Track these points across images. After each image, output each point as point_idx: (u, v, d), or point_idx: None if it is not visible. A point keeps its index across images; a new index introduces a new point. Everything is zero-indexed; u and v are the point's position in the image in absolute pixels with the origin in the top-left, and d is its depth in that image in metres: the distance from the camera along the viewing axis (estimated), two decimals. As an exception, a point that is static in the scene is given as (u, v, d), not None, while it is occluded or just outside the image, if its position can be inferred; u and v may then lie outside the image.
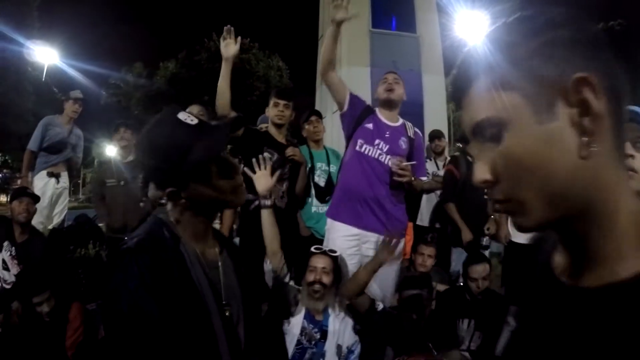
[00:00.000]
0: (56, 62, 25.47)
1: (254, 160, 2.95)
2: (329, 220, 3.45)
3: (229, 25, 3.31)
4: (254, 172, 2.85)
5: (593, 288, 0.62)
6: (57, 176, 5.39)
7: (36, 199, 4.15)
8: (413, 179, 3.26)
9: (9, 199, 4.29)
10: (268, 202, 2.81)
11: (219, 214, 3.97)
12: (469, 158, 4.54)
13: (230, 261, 1.49)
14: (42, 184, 5.24)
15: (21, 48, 21.68)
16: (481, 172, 0.67)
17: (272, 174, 2.81)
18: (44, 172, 5.33)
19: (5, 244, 3.92)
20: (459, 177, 4.62)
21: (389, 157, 3.30)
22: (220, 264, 1.43)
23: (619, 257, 0.61)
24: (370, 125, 3.37)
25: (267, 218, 2.82)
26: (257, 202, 3.07)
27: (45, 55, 24.36)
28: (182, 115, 1.33)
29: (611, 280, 0.60)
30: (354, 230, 3.28)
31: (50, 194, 5.31)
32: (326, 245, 3.27)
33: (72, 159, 5.62)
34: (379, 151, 3.32)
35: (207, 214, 1.42)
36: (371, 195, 3.30)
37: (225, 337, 1.31)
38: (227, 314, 1.35)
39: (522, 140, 0.63)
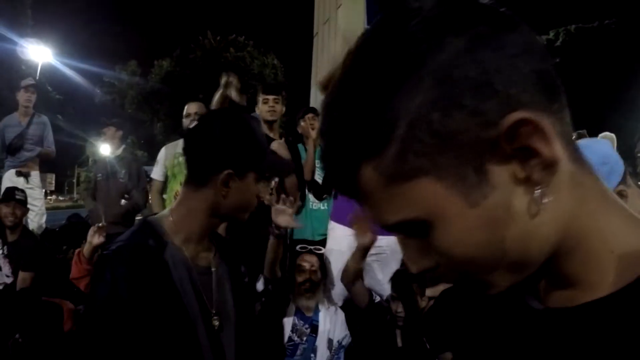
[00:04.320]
0: (50, 60, 25.42)
1: (277, 192, 2.93)
2: (332, 222, 3.46)
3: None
4: (270, 199, 2.76)
5: (569, 307, 0.52)
6: (26, 175, 5.22)
7: (24, 202, 4.08)
8: None
9: None
10: (282, 232, 2.67)
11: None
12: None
13: (225, 265, 1.41)
14: (10, 184, 5.03)
15: (14, 46, 21.61)
16: (417, 264, 0.53)
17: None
18: (12, 171, 5.21)
19: None
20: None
21: None
22: (213, 269, 1.36)
23: (595, 281, 0.50)
24: None
25: (275, 245, 2.70)
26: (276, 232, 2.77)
27: (39, 53, 24.29)
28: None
29: (586, 299, 0.51)
30: None
31: None
32: (329, 244, 3.34)
33: (42, 153, 5.42)
34: None
35: (222, 217, 1.36)
36: None
37: (210, 348, 1.26)
38: (215, 323, 1.29)
39: (458, 236, 0.48)
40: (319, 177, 4.19)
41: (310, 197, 4.16)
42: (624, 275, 0.48)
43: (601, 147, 1.54)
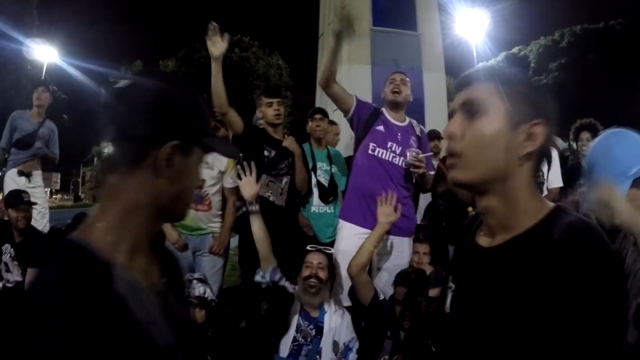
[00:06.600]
0: (56, 60, 25.54)
1: (238, 167, 3.11)
2: (341, 221, 3.47)
3: (213, 23, 3.21)
4: (240, 179, 3.05)
5: (500, 244, 1.01)
6: (28, 175, 5.20)
7: (30, 202, 4.09)
8: (426, 171, 3.34)
9: (4, 205, 4.24)
10: (255, 208, 2.98)
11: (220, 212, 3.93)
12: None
13: (172, 277, 1.08)
14: (12, 183, 5.04)
15: (20, 46, 21.71)
16: (454, 126, 1.03)
17: (258, 178, 2.96)
18: (14, 170, 5.17)
19: (4, 247, 3.91)
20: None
21: (402, 158, 3.34)
22: (165, 282, 1.02)
23: (516, 224, 0.99)
24: (381, 128, 3.38)
25: (255, 223, 2.97)
26: (244, 209, 3.24)
27: (44, 53, 24.41)
28: None
29: (511, 237, 0.99)
30: (366, 230, 3.26)
31: None
32: (337, 244, 3.37)
33: (48, 156, 5.42)
34: (392, 154, 3.34)
35: (165, 213, 1.00)
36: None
37: None
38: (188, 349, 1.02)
39: (490, 126, 0.99)
40: (324, 180, 4.23)
41: (315, 200, 4.15)
42: (529, 221, 0.97)
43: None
